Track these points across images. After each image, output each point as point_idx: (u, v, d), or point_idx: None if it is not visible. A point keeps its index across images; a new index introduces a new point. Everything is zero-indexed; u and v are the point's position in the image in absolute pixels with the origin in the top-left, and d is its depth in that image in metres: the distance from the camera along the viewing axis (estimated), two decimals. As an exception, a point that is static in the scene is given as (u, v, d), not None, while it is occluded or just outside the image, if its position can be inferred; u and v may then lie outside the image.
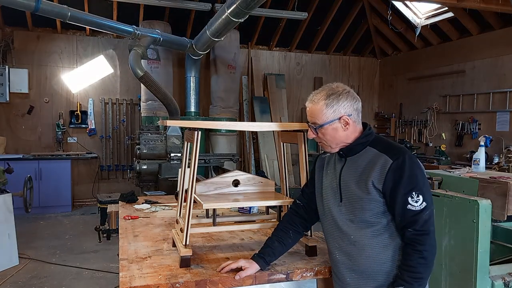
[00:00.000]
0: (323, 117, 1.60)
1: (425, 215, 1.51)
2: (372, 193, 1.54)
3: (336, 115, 1.60)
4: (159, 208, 2.89)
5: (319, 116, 1.61)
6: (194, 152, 1.75)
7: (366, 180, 1.55)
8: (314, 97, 1.65)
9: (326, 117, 1.60)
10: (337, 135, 1.62)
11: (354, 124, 1.62)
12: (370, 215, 1.56)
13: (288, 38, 8.92)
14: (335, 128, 1.61)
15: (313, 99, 1.64)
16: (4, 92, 7.16)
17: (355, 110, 1.62)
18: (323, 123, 1.61)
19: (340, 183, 1.63)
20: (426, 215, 1.51)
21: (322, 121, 1.61)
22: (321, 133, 1.63)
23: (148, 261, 1.79)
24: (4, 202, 4.38)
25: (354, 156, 1.63)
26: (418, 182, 1.52)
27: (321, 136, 1.65)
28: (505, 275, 2.44)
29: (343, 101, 1.60)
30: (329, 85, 1.66)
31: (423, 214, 1.50)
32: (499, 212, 2.48)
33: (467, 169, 3.10)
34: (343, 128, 1.61)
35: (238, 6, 4.87)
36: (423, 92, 8.47)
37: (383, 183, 1.52)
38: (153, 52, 6.98)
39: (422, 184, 1.53)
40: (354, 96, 1.63)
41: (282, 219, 1.87)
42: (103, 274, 4.32)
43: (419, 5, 7.61)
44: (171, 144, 5.41)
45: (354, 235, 1.60)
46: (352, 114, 1.61)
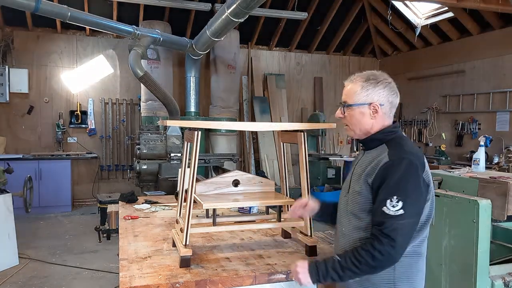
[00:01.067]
0: (355, 98, 1.59)
1: (397, 223, 1.41)
2: (363, 187, 1.53)
3: (368, 100, 1.58)
4: (159, 208, 2.89)
5: (351, 96, 1.60)
6: (194, 152, 1.75)
7: (363, 174, 1.54)
8: (354, 76, 1.64)
9: (357, 98, 1.59)
10: (363, 120, 1.60)
11: (383, 116, 1.59)
12: (358, 209, 1.55)
13: (288, 38, 8.92)
14: (363, 112, 1.59)
15: (352, 79, 1.64)
16: (4, 92, 7.16)
17: (389, 103, 1.59)
18: (353, 103, 1.60)
19: (352, 175, 1.64)
20: (398, 224, 1.41)
21: (352, 101, 1.60)
22: (348, 114, 1.62)
23: (148, 261, 1.79)
24: (4, 202, 4.38)
25: (370, 150, 1.61)
26: (405, 190, 1.43)
27: (347, 117, 1.63)
28: (505, 275, 2.45)
29: (380, 88, 1.57)
30: (373, 71, 1.65)
31: (396, 221, 1.41)
32: (499, 212, 2.48)
33: (467, 169, 3.10)
34: (371, 115, 1.59)
35: (238, 6, 4.87)
36: (423, 92, 8.48)
37: (373, 179, 1.50)
38: (153, 52, 6.98)
39: (408, 194, 1.43)
40: (394, 89, 1.60)
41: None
42: (103, 274, 4.31)
43: (419, 5, 7.61)
44: (171, 144, 5.40)
45: (345, 228, 1.61)
46: (385, 104, 1.58)
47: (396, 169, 1.46)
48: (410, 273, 1.54)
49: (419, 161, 1.49)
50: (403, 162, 1.47)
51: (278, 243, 2.09)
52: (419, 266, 1.57)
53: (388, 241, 1.41)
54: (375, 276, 1.51)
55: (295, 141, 1.99)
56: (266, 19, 8.08)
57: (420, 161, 1.51)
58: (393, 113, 1.63)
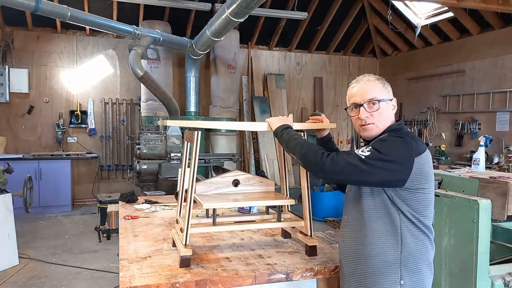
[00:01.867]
0: (383, 93, 1.64)
1: (354, 156, 1.48)
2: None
3: (390, 96, 1.66)
4: (159, 208, 2.89)
5: (379, 92, 1.63)
6: (194, 152, 1.75)
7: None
8: (363, 77, 1.68)
9: (385, 94, 1.64)
10: (388, 114, 1.65)
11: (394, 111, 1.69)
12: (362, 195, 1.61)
13: (288, 38, 8.92)
14: (388, 108, 1.65)
15: (362, 79, 1.67)
16: (4, 92, 7.16)
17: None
18: (383, 98, 1.63)
19: None
20: (354, 157, 1.47)
21: (381, 97, 1.63)
22: (377, 111, 1.62)
23: (148, 261, 1.79)
24: (4, 202, 4.38)
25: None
26: (381, 147, 1.49)
27: (375, 114, 1.62)
28: (505, 275, 2.45)
29: (389, 86, 1.69)
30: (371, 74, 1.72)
31: (354, 155, 1.48)
32: (499, 212, 2.48)
33: (467, 169, 3.10)
34: (392, 112, 1.67)
35: (238, 6, 4.87)
36: (423, 92, 8.47)
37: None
38: (153, 52, 6.98)
39: (382, 151, 1.47)
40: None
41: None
42: (103, 274, 4.31)
43: (419, 5, 7.61)
44: (171, 144, 5.40)
45: (348, 216, 1.71)
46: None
47: (387, 137, 1.56)
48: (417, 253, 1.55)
49: (415, 143, 1.53)
50: (395, 136, 1.55)
51: (278, 243, 2.09)
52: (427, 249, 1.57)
53: (333, 159, 1.49)
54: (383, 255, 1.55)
55: (295, 141, 1.98)
56: (266, 19, 8.08)
57: (418, 145, 1.54)
58: None
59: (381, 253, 1.54)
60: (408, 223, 1.54)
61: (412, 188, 1.52)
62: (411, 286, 1.53)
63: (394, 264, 1.53)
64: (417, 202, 1.54)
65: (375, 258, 1.55)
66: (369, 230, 1.57)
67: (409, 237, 1.53)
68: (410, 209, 1.53)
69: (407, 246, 1.53)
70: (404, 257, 1.53)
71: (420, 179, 1.52)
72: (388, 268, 1.53)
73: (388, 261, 1.53)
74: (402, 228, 1.53)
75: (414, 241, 1.54)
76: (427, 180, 1.55)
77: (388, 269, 1.53)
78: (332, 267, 1.79)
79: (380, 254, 1.54)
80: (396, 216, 1.54)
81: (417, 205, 1.54)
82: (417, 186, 1.52)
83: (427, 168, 1.56)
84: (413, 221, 1.54)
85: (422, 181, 1.53)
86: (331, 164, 1.49)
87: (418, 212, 1.54)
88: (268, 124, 1.87)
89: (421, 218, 1.55)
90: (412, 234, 1.54)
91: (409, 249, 1.53)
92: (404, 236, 1.53)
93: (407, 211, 1.53)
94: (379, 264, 1.54)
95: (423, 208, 1.55)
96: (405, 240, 1.53)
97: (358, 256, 1.60)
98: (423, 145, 1.58)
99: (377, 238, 1.55)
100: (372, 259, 1.55)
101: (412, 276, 1.53)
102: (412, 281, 1.53)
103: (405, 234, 1.53)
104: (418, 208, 1.54)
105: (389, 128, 1.63)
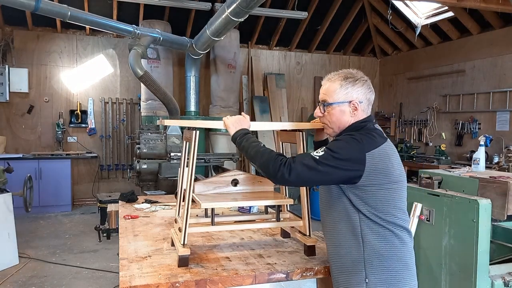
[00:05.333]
0: (335, 96, 1.63)
1: (308, 160, 1.51)
2: None
3: (347, 98, 1.62)
4: (159, 208, 2.89)
5: (331, 95, 1.64)
6: (192, 151, 1.75)
7: None
8: (331, 76, 1.67)
9: (337, 97, 1.63)
10: (342, 118, 1.64)
11: (362, 113, 1.64)
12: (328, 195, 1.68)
13: (288, 38, 8.91)
14: (343, 110, 1.63)
15: (330, 78, 1.67)
16: (4, 92, 7.15)
17: (367, 100, 1.65)
18: (333, 102, 1.64)
19: None
20: (308, 161, 1.51)
21: (332, 100, 1.64)
22: (328, 112, 1.65)
23: (148, 261, 1.79)
24: (4, 202, 4.38)
25: None
26: (334, 144, 1.54)
27: (327, 115, 1.66)
28: (505, 275, 2.45)
29: (358, 86, 1.62)
30: (349, 70, 1.69)
31: (309, 158, 1.52)
32: (499, 211, 2.48)
33: (467, 169, 3.10)
34: (351, 113, 1.63)
35: (238, 6, 4.87)
36: (423, 91, 8.47)
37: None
38: (153, 52, 6.98)
39: (336, 149, 1.51)
40: (370, 86, 1.66)
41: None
42: (103, 273, 4.32)
43: (419, 4, 7.61)
44: (171, 144, 5.40)
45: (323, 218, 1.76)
46: (363, 102, 1.63)
47: (340, 137, 1.60)
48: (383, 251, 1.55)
49: (368, 140, 1.54)
50: (348, 135, 1.57)
51: (278, 243, 2.09)
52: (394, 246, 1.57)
53: (290, 163, 1.52)
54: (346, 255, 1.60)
55: (294, 140, 1.98)
56: (266, 18, 8.07)
57: (371, 141, 1.54)
58: (370, 110, 1.68)
59: (348, 253, 1.59)
60: (369, 222, 1.56)
61: (369, 185, 1.53)
62: (379, 284, 1.54)
63: (359, 263, 1.56)
64: (376, 200, 1.54)
65: (343, 258, 1.61)
66: (335, 232, 1.63)
67: (370, 235, 1.55)
68: (370, 208, 1.55)
69: (368, 245, 1.55)
70: (368, 255, 1.55)
71: (376, 175, 1.52)
72: (354, 267, 1.57)
73: (354, 260, 1.57)
74: (362, 228, 1.56)
75: (377, 239, 1.55)
76: (385, 176, 1.54)
77: (354, 267, 1.57)
78: (332, 267, 1.79)
79: (347, 253, 1.59)
80: (356, 217, 1.57)
81: (376, 203, 1.54)
82: (374, 183, 1.53)
83: (384, 163, 1.54)
84: (374, 220, 1.55)
85: (379, 177, 1.53)
86: (289, 173, 1.51)
87: (378, 210, 1.55)
88: (223, 123, 1.81)
89: (382, 216, 1.55)
90: (374, 232, 1.55)
91: (371, 247, 1.55)
92: (364, 235, 1.56)
93: (367, 210, 1.55)
94: (346, 263, 1.60)
95: (383, 206, 1.55)
96: (366, 239, 1.55)
97: (331, 255, 1.68)
98: (380, 140, 1.57)
99: (343, 239, 1.60)
100: (341, 258, 1.62)
101: (379, 274, 1.54)
102: (380, 279, 1.54)
103: (365, 233, 1.56)
104: (377, 206, 1.55)
105: (349, 127, 1.64)
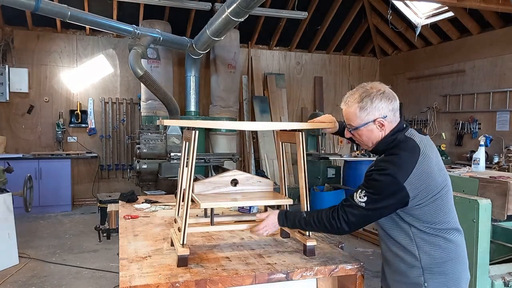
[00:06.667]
0: (357, 120, 1.63)
1: (356, 208, 1.56)
2: None
3: (370, 118, 1.62)
4: (159, 208, 2.89)
5: (353, 119, 1.64)
6: (192, 151, 1.75)
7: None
8: (348, 99, 1.66)
9: (360, 120, 1.63)
10: (373, 135, 1.65)
11: (390, 124, 1.64)
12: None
13: (288, 38, 8.91)
14: (371, 129, 1.64)
15: (347, 102, 1.66)
16: (4, 92, 7.16)
17: (390, 111, 1.62)
18: (358, 125, 1.64)
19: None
20: (356, 209, 1.57)
21: (356, 124, 1.64)
22: (357, 134, 1.67)
23: (148, 261, 1.79)
24: (4, 202, 4.38)
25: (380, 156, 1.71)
26: (374, 186, 1.54)
27: (357, 137, 1.69)
28: (505, 275, 2.45)
29: (377, 103, 1.60)
30: (364, 85, 1.66)
31: (356, 207, 1.57)
32: (499, 211, 2.48)
33: (467, 169, 3.10)
34: (379, 129, 1.63)
35: (238, 6, 4.87)
36: (423, 91, 8.47)
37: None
38: (153, 52, 6.98)
39: (376, 191, 1.53)
40: (389, 96, 1.63)
41: None
42: (103, 273, 4.32)
43: (419, 4, 7.61)
44: (171, 144, 5.40)
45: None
46: (388, 115, 1.62)
47: (372, 175, 1.58)
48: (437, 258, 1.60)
49: (399, 169, 1.53)
50: (387, 163, 1.56)
51: (278, 243, 2.09)
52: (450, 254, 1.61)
53: (344, 218, 1.59)
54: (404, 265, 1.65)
55: (293, 140, 1.98)
56: (266, 18, 8.07)
57: (403, 168, 1.53)
58: (398, 114, 1.66)
59: (404, 261, 1.66)
60: (423, 234, 1.60)
61: (416, 204, 1.55)
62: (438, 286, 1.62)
63: (417, 270, 1.63)
64: (425, 214, 1.57)
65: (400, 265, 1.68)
66: (391, 243, 1.70)
67: (426, 246, 1.60)
68: (421, 222, 1.59)
69: (425, 254, 1.60)
70: (425, 264, 1.61)
71: (421, 195, 1.54)
72: (411, 274, 1.65)
73: (411, 268, 1.64)
74: (417, 241, 1.61)
75: (433, 248, 1.60)
76: (429, 192, 1.55)
77: (411, 274, 1.65)
78: (332, 267, 1.79)
79: (404, 261, 1.66)
80: (409, 231, 1.61)
81: (426, 216, 1.58)
82: (419, 202, 1.55)
83: (425, 182, 1.54)
84: (427, 231, 1.59)
85: (423, 195, 1.54)
86: (348, 227, 1.61)
87: (429, 221, 1.58)
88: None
89: (434, 226, 1.59)
90: (429, 243, 1.60)
91: (428, 256, 1.60)
92: (420, 247, 1.61)
93: (418, 223, 1.59)
94: (404, 270, 1.67)
95: (433, 217, 1.58)
96: (421, 250, 1.61)
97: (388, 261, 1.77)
98: (413, 157, 1.55)
99: (398, 249, 1.66)
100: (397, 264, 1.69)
101: (438, 279, 1.61)
102: (440, 282, 1.62)
103: (420, 245, 1.61)
104: (427, 218, 1.58)
105: (381, 143, 1.65)
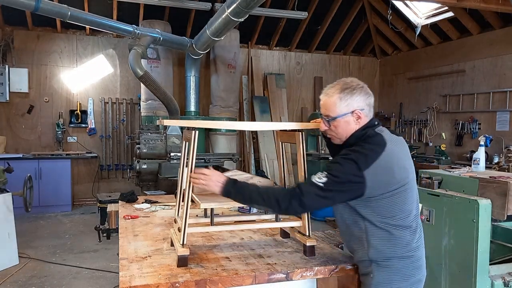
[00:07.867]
0: (337, 110, 1.68)
1: (313, 189, 1.57)
2: None
3: (349, 109, 1.67)
4: (159, 208, 2.89)
5: (333, 109, 1.68)
6: (192, 151, 1.75)
7: None
8: (328, 90, 1.72)
9: (339, 110, 1.67)
10: (348, 128, 1.69)
11: (365, 119, 1.69)
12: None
13: (288, 38, 8.91)
14: (347, 121, 1.68)
15: (327, 92, 1.72)
16: (4, 92, 7.15)
17: (367, 105, 1.70)
18: (336, 115, 1.68)
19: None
20: (313, 190, 1.57)
21: (335, 114, 1.68)
22: (333, 125, 1.71)
23: (148, 261, 1.79)
24: (4, 202, 4.38)
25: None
26: (336, 169, 1.58)
27: (333, 128, 1.72)
28: (505, 275, 2.45)
29: (356, 95, 1.67)
30: (344, 79, 1.73)
31: (314, 187, 1.58)
32: (499, 211, 2.48)
33: (467, 169, 3.10)
34: (355, 121, 1.68)
35: (238, 6, 4.87)
36: (423, 91, 8.47)
37: None
38: (153, 52, 6.98)
39: (336, 173, 1.57)
40: (367, 91, 1.70)
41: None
42: (103, 273, 4.32)
43: (419, 4, 7.61)
44: (171, 144, 5.40)
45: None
46: (365, 108, 1.69)
47: (337, 159, 1.65)
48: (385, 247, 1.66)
49: (364, 157, 1.56)
50: (354, 152, 1.60)
51: (278, 243, 2.09)
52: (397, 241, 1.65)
53: (299, 196, 1.59)
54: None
55: (293, 140, 1.98)
56: (266, 18, 8.07)
57: (368, 157, 1.56)
58: (372, 112, 1.73)
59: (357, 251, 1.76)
60: (374, 228, 1.66)
61: (372, 196, 1.60)
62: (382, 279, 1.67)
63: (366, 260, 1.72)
64: (379, 207, 1.63)
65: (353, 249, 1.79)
66: (348, 232, 1.78)
67: (375, 240, 1.66)
68: (375, 214, 1.64)
69: (373, 248, 1.67)
70: (372, 255, 1.68)
71: (379, 187, 1.59)
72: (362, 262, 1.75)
73: (361, 256, 1.74)
74: (368, 232, 1.67)
75: (381, 242, 1.67)
76: (387, 186, 1.59)
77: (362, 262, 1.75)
78: (332, 267, 1.79)
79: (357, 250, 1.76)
80: (362, 224, 1.67)
81: (380, 209, 1.63)
82: (376, 194, 1.60)
83: (385, 175, 1.58)
84: (380, 226, 1.65)
85: (381, 188, 1.59)
86: (302, 206, 1.62)
87: (383, 215, 1.64)
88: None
89: (388, 221, 1.64)
90: (379, 237, 1.66)
91: (375, 249, 1.67)
92: (370, 239, 1.67)
93: (373, 216, 1.65)
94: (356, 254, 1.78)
95: (388, 211, 1.63)
96: (371, 243, 1.67)
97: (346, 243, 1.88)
98: (378, 150, 1.59)
99: (353, 239, 1.75)
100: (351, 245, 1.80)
101: (384, 272, 1.68)
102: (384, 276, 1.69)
103: (371, 237, 1.67)
104: (381, 212, 1.64)
105: (352, 136, 1.69)
